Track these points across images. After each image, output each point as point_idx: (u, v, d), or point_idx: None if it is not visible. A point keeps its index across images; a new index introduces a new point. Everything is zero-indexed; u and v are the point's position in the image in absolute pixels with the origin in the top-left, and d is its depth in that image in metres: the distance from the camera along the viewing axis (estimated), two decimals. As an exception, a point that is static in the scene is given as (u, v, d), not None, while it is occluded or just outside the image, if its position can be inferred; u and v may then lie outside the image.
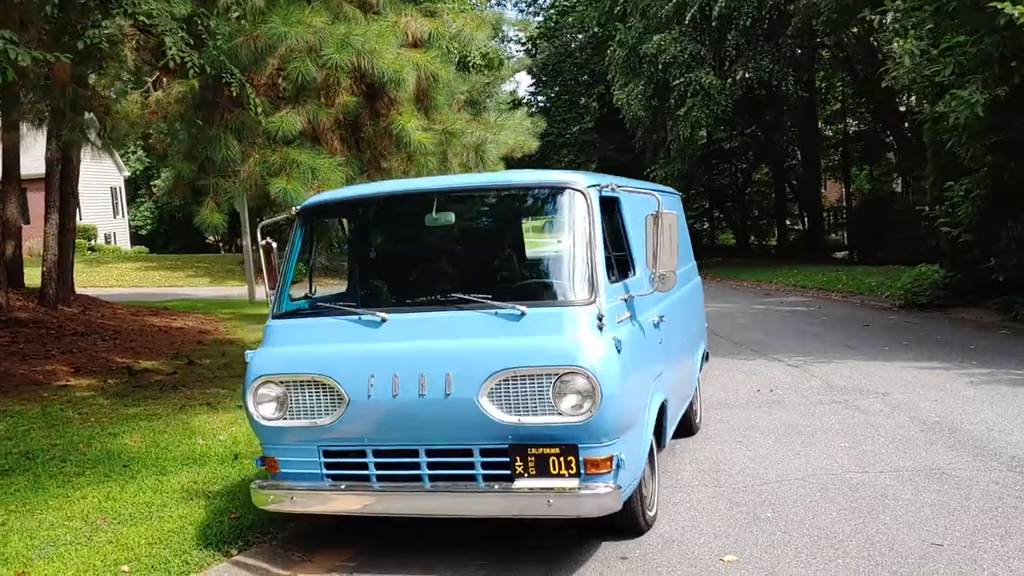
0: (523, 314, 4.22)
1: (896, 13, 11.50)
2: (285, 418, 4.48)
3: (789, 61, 26.24)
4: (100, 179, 36.33)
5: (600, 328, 4.21)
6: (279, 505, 4.53)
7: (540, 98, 44.34)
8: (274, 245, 5.14)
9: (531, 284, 4.52)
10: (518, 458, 4.14)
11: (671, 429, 5.68)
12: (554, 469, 4.12)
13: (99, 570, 4.61)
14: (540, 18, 43.00)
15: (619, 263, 5.01)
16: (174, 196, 8.70)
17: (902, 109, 34.56)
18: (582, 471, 4.10)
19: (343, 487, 4.42)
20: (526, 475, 4.15)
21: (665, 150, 29.35)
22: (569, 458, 4.09)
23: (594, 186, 4.60)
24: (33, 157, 16.69)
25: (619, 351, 4.19)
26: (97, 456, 6.79)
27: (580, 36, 40.33)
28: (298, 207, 5.08)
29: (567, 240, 4.51)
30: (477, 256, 4.73)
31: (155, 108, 8.27)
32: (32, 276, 16.28)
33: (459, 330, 4.30)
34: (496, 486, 4.19)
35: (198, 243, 46.80)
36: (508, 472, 4.18)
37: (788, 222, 38.77)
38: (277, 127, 8.14)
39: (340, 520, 5.19)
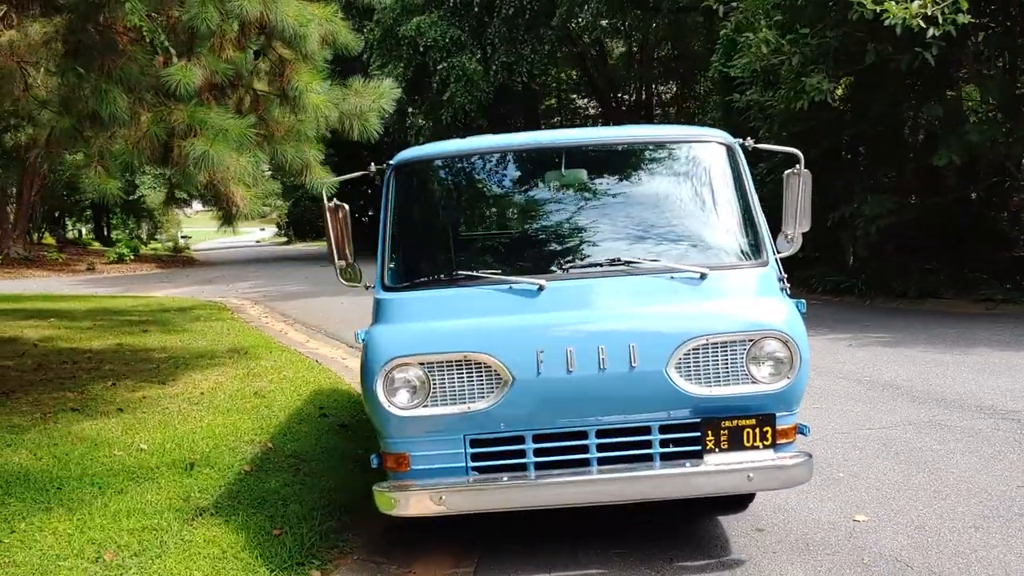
0: (704, 276, 3.91)
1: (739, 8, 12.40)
2: (426, 405, 3.80)
3: (547, 54, 27.03)
4: None
5: (782, 290, 4.03)
6: (421, 508, 3.82)
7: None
8: (346, 207, 4.35)
9: (700, 246, 4.16)
10: (709, 432, 3.83)
11: None
12: (748, 442, 3.85)
13: (187, 614, 3.65)
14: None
15: None
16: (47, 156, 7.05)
17: (621, 106, 37.55)
18: (775, 442, 3.89)
19: (505, 479, 3.83)
20: (717, 450, 3.84)
21: (415, 135, 29.06)
22: (765, 429, 3.85)
23: (736, 141, 4.37)
24: None
25: (801, 312, 4.02)
26: (-6, 480, 5.39)
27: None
28: (394, 161, 4.32)
29: (727, 198, 4.24)
30: (627, 217, 4.27)
31: (9, 51, 6.67)
32: None
33: (635, 296, 3.88)
34: (687, 464, 3.85)
35: None
36: (693, 448, 3.85)
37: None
38: (177, 80, 6.92)
39: (405, 523, 4.52)
